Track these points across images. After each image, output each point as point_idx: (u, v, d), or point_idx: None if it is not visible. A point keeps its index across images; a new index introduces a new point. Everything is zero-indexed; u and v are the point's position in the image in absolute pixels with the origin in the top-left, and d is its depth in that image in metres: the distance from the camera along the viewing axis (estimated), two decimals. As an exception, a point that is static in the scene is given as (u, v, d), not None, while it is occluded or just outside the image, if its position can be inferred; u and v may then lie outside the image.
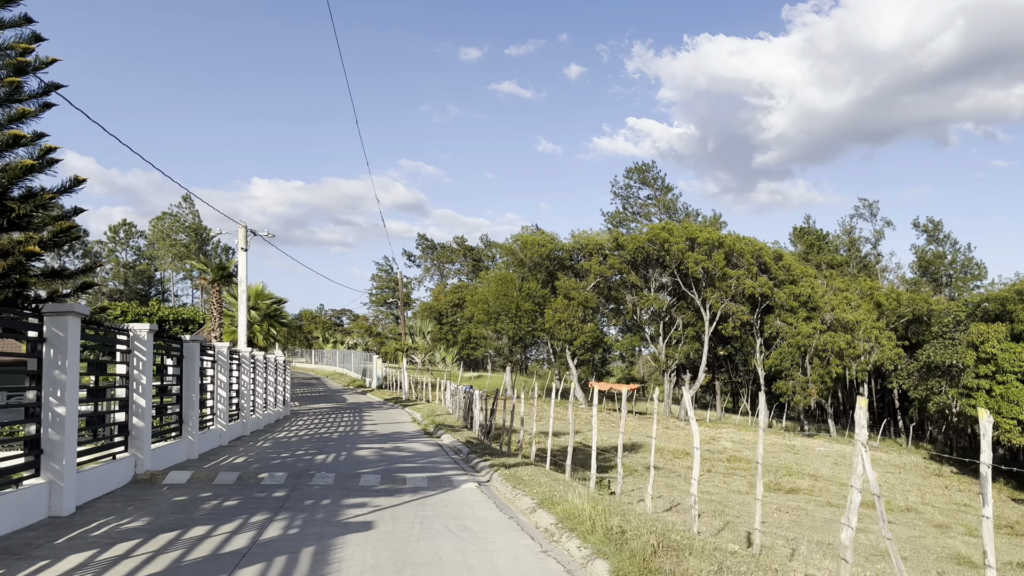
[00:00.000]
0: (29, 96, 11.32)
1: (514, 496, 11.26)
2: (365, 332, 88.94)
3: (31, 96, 11.34)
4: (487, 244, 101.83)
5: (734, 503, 20.13)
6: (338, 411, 33.55)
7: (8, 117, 10.90)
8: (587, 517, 8.72)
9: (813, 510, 20.35)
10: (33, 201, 10.84)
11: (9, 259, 10.47)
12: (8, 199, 10.71)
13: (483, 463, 15.01)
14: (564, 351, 51.64)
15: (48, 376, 9.07)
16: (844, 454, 40.57)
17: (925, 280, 69.73)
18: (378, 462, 15.54)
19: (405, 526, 8.93)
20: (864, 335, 48.91)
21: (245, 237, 26.51)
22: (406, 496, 11.12)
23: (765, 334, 51.05)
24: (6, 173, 10.48)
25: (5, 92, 10.76)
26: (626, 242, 51.85)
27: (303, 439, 20.75)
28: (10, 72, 10.79)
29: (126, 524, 8.72)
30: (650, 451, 28.36)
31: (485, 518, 9.63)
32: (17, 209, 10.70)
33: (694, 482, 9.17)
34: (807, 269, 54.44)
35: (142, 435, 12.36)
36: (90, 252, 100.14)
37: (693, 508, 8.87)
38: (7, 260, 10.44)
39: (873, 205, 74.50)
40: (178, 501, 10.30)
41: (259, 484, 12.00)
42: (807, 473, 29.45)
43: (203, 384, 17.35)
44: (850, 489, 6.92)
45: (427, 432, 23.81)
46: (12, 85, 10.66)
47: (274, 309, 40.16)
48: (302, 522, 9.03)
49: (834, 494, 24.71)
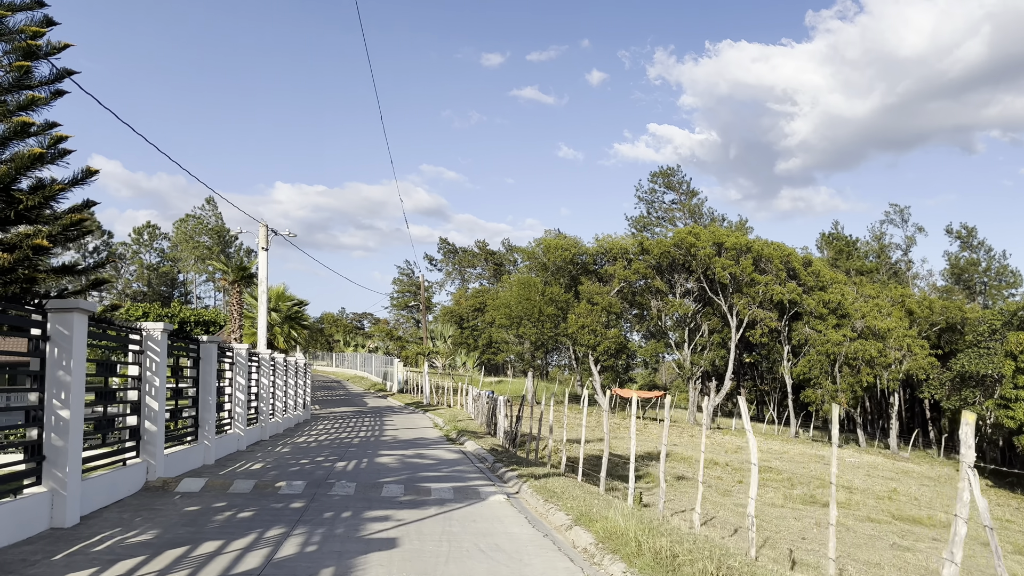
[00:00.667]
0: (40, 83, 10.78)
1: (546, 510, 10.52)
2: (386, 336, 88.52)
3: (42, 83, 10.80)
4: (509, 248, 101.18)
5: (770, 517, 19.25)
6: (359, 415, 32.97)
7: (17, 104, 10.35)
8: (631, 537, 7.97)
9: (854, 525, 19.43)
10: (42, 193, 10.28)
11: (16, 253, 9.91)
12: (15, 190, 10.17)
13: (510, 473, 14.29)
14: (587, 357, 50.75)
15: (51, 377, 8.47)
16: (875, 465, 39.45)
17: (958, 288, 68.03)
18: (401, 470, 14.86)
19: (432, 544, 8.22)
20: (896, 343, 47.62)
21: (266, 236, 25.99)
22: (431, 509, 10.41)
23: (793, 341, 49.91)
24: (13, 162, 9.93)
25: (14, 77, 10.22)
26: (651, 246, 50.95)
27: (323, 444, 20.14)
28: (19, 56, 10.26)
29: (132, 538, 8.08)
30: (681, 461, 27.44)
31: (518, 535, 8.89)
32: (25, 201, 10.15)
33: (751, 501, 8.36)
34: (837, 275, 53.22)
35: (154, 440, 11.75)
36: (114, 253, 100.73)
37: (751, 530, 8.05)
38: (14, 254, 9.88)
39: (904, 211, 72.91)
40: (190, 512, 9.67)
41: (276, 493, 11.35)
42: (841, 485, 28.43)
43: (221, 387, 16.78)
44: (954, 519, 6.03)
45: (450, 438, 23.13)
46: (22, 70, 10.12)
47: (295, 311, 39.69)
48: (321, 538, 8.35)
49: (872, 508, 23.73)
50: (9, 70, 10.24)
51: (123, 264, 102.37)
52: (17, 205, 10.19)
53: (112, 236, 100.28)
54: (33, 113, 10.83)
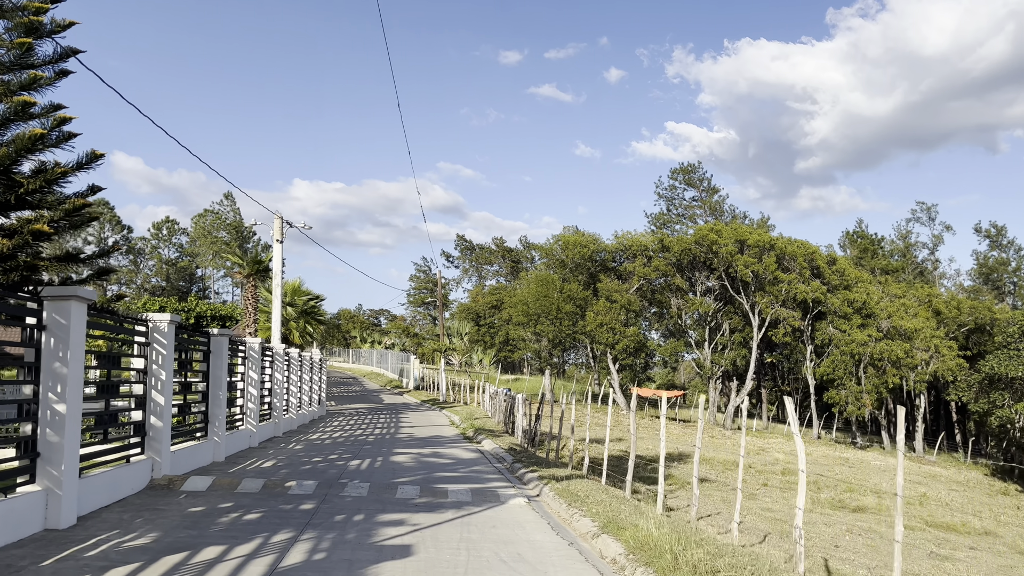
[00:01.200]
0: (44, 62, 10.31)
1: (570, 516, 9.91)
2: (402, 332, 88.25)
3: (46, 62, 10.33)
4: (526, 246, 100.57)
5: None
6: (374, 412, 32.51)
7: (20, 83, 9.88)
8: (665, 548, 7.34)
9: (888, 533, 18.65)
10: (43, 176, 9.79)
11: (15, 239, 9.43)
12: (16, 173, 9.69)
13: (530, 474, 13.69)
14: (605, 355, 50.04)
15: (47, 369, 7.97)
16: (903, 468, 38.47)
17: (986, 288, 66.51)
18: (416, 470, 14.31)
19: (449, 553, 7.64)
20: (923, 344, 46.51)
21: (281, 228, 25.52)
22: (448, 513, 9.84)
23: (816, 341, 48.91)
24: (14, 143, 9.44)
25: (15, 55, 9.74)
26: (672, 243, 50.11)
27: (337, 442, 19.65)
28: (21, 33, 9.78)
29: (129, 541, 7.56)
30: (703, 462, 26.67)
31: (541, 544, 8.29)
32: (26, 184, 9.67)
33: (799, 511, 7.68)
34: (862, 274, 52.08)
35: (160, 436, 11.26)
36: (133, 248, 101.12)
37: (799, 543, 7.38)
38: (13, 240, 9.40)
39: (931, 209, 71.30)
40: (193, 513, 9.15)
41: (286, 494, 10.83)
42: (869, 489, 27.58)
43: (232, 381, 16.31)
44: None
45: (466, 436, 22.57)
46: (23, 47, 9.63)
47: (311, 306, 39.28)
48: (330, 544, 7.80)
49: (903, 514, 22.89)
50: (10, 48, 9.75)
51: (142, 259, 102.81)
52: (17, 189, 9.71)
53: (132, 231, 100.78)
54: (36, 94, 10.35)
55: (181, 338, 12.96)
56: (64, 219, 10.20)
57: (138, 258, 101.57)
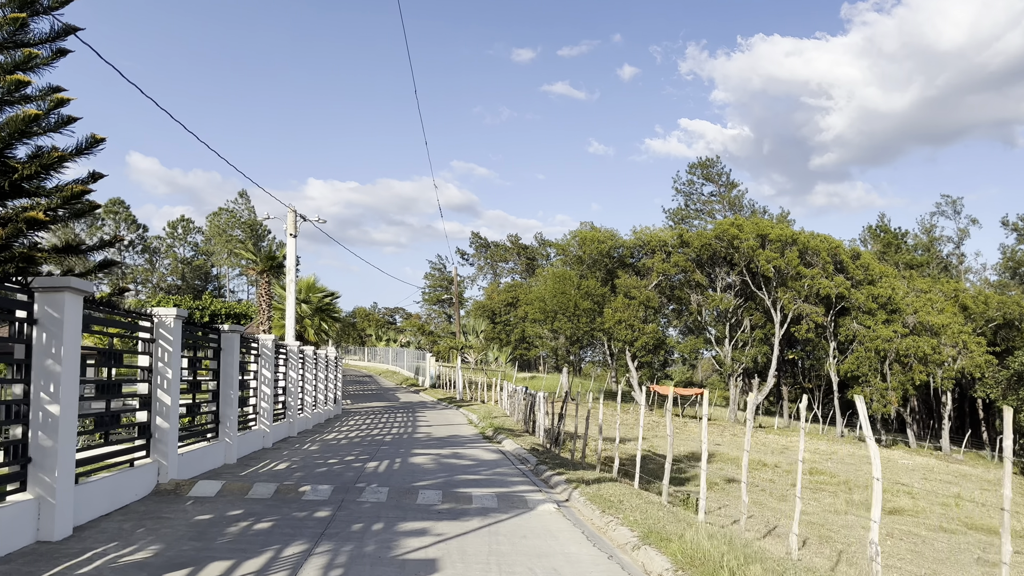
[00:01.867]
0: (40, 40, 9.67)
1: (605, 524, 9.17)
2: (418, 330, 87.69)
3: (42, 40, 9.69)
4: (541, 243, 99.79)
5: (835, 525, 17.71)
6: (391, 411, 31.87)
7: (14, 62, 9.24)
8: (717, 564, 6.59)
9: (928, 536, 17.79)
10: (39, 161, 9.15)
11: (8, 227, 8.79)
12: (9, 157, 9.07)
13: (557, 477, 12.96)
14: (623, 352, 49.17)
15: (39, 366, 7.32)
16: (930, 467, 37.41)
17: (1014, 282, 65.04)
18: (437, 472, 13.61)
19: (478, 569, 6.91)
20: (950, 340, 45.37)
21: (294, 222, 24.89)
22: (474, 520, 9.12)
23: (840, 337, 47.86)
24: (7, 126, 8.81)
25: (8, 31, 9.10)
26: (691, 239, 49.19)
27: (353, 442, 18.99)
28: (15, 7, 9.15)
29: (127, 556, 6.89)
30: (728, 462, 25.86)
31: (577, 557, 7.55)
32: (20, 170, 9.03)
33: (874, 524, 6.88)
34: (886, 269, 50.95)
35: (166, 438, 10.61)
36: (149, 247, 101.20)
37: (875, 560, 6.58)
38: (6, 229, 8.77)
39: (957, 202, 69.81)
40: (200, 521, 8.48)
41: (300, 500, 10.14)
42: (902, 489, 26.65)
43: (244, 380, 15.67)
44: None
45: (486, 436, 21.87)
46: (16, 22, 8.98)
47: (326, 303, 38.67)
48: (347, 558, 7.09)
49: (940, 516, 21.99)
50: (3, 23, 9.11)
51: (158, 258, 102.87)
52: (11, 175, 9.07)
53: (147, 230, 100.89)
54: (33, 75, 9.72)
55: (189, 334, 12.34)
56: (63, 207, 9.57)
57: (154, 257, 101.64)
